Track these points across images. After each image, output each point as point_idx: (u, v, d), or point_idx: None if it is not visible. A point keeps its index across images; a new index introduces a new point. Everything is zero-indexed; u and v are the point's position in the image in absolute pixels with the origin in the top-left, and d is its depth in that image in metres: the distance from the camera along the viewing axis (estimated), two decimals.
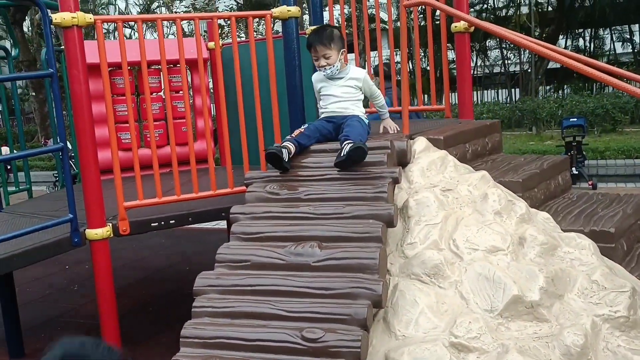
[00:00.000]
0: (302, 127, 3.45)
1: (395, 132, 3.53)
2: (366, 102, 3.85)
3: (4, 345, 4.42)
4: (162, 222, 3.70)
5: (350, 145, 3.05)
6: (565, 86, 22.56)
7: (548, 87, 23.33)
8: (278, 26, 3.93)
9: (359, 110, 3.51)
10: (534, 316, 2.65)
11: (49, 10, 3.31)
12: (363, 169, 3.11)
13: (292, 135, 3.37)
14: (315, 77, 3.63)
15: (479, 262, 2.79)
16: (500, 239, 2.92)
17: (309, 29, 4.38)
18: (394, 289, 2.75)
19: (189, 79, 5.34)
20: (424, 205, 3.05)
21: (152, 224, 3.67)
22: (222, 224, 7.95)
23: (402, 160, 3.32)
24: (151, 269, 6.44)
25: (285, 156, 3.20)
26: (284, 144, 3.28)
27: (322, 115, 3.57)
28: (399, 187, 3.23)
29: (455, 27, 4.43)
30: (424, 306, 2.64)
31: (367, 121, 3.51)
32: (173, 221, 3.74)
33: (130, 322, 4.60)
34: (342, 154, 3.07)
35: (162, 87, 5.45)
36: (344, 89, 3.49)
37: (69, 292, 5.82)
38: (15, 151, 5.47)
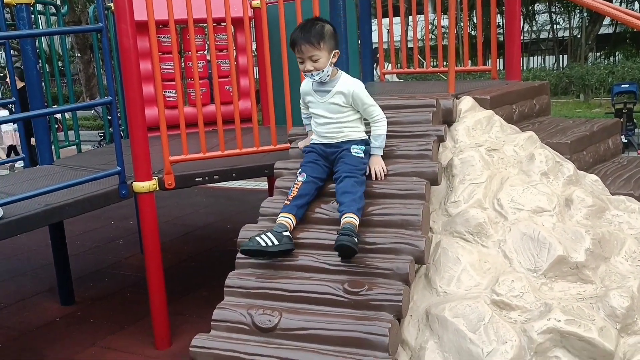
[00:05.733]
0: (297, 179, 2.85)
1: (380, 178, 2.85)
2: None
3: (55, 293, 4.63)
4: (206, 177, 3.76)
5: (341, 237, 2.51)
6: (617, 52, 21.69)
7: (598, 54, 22.48)
8: None
9: (355, 132, 2.89)
10: (579, 277, 2.61)
11: None
12: (408, 126, 3.09)
13: (289, 197, 2.80)
14: (304, 86, 2.98)
15: (524, 222, 2.76)
16: (546, 199, 2.87)
17: None
18: (437, 246, 2.74)
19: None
20: (469, 164, 3.01)
21: (197, 179, 3.74)
22: (262, 185, 8.05)
23: (448, 119, 3.27)
24: (192, 227, 6.59)
25: (270, 241, 2.63)
26: (277, 219, 2.74)
27: (314, 139, 2.98)
28: (444, 146, 3.20)
29: None
30: (467, 264, 2.63)
31: (366, 149, 2.89)
32: (217, 176, 3.79)
33: (172, 276, 4.73)
34: (338, 238, 2.53)
35: (207, 46, 5.49)
36: (331, 107, 2.85)
37: (115, 246, 6.02)
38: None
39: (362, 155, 2.86)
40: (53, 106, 7.98)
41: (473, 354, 2.33)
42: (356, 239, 2.53)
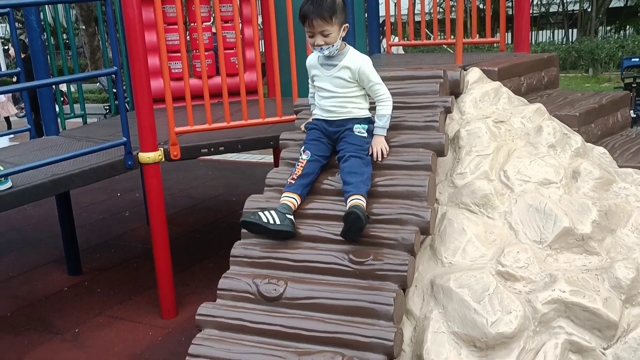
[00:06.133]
0: (301, 157, 2.80)
1: (381, 159, 2.77)
2: None
3: (63, 263, 4.68)
4: (212, 149, 3.76)
5: (350, 214, 2.48)
6: (628, 26, 21.38)
7: (608, 28, 22.17)
8: None
9: (359, 109, 2.82)
10: (584, 249, 2.61)
11: None
12: (415, 97, 3.06)
13: (293, 176, 2.75)
14: (310, 60, 2.91)
15: (530, 194, 2.75)
16: (553, 171, 2.86)
17: None
18: (442, 217, 2.74)
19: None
20: (476, 135, 2.99)
21: (202, 150, 3.74)
22: (268, 158, 8.05)
23: (455, 90, 3.25)
24: (198, 199, 6.62)
25: (272, 219, 2.59)
26: (282, 199, 2.70)
27: (317, 114, 2.92)
28: (451, 118, 3.17)
29: None
30: (472, 235, 2.63)
31: (369, 128, 2.82)
32: (222, 148, 3.80)
33: (178, 247, 4.77)
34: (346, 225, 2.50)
35: (212, 17, 5.43)
36: (336, 81, 2.79)
37: (121, 218, 6.06)
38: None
39: (366, 134, 2.81)
40: None
41: (477, 324, 2.34)
42: (366, 217, 2.50)
